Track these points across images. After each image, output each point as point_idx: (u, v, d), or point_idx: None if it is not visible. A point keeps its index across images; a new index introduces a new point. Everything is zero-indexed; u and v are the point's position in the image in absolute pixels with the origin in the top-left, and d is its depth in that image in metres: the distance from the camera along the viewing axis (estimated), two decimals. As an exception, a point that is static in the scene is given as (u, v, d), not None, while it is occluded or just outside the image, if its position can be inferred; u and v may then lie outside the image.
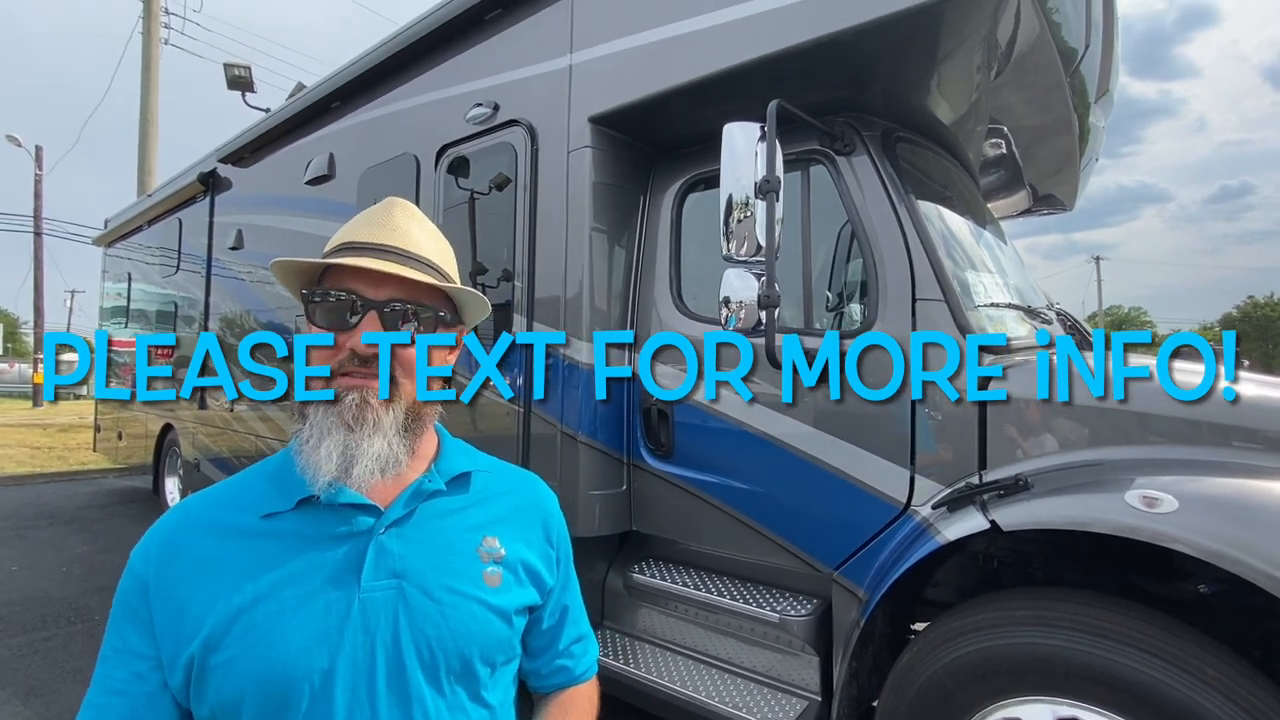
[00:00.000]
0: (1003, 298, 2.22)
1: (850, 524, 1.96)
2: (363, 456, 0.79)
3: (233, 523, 0.81)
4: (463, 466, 0.92)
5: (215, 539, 0.80)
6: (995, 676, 1.53)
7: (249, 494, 0.84)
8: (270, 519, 0.81)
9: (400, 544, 0.82)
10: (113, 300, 7.70)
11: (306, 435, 0.81)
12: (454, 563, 0.85)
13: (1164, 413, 1.62)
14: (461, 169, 2.93)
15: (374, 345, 0.81)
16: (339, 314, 0.82)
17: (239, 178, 4.94)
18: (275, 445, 4.25)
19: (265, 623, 0.74)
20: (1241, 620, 1.56)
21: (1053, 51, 2.25)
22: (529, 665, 0.99)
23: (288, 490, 0.81)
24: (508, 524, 0.92)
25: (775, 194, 1.76)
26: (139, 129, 12.60)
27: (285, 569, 0.78)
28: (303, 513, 0.81)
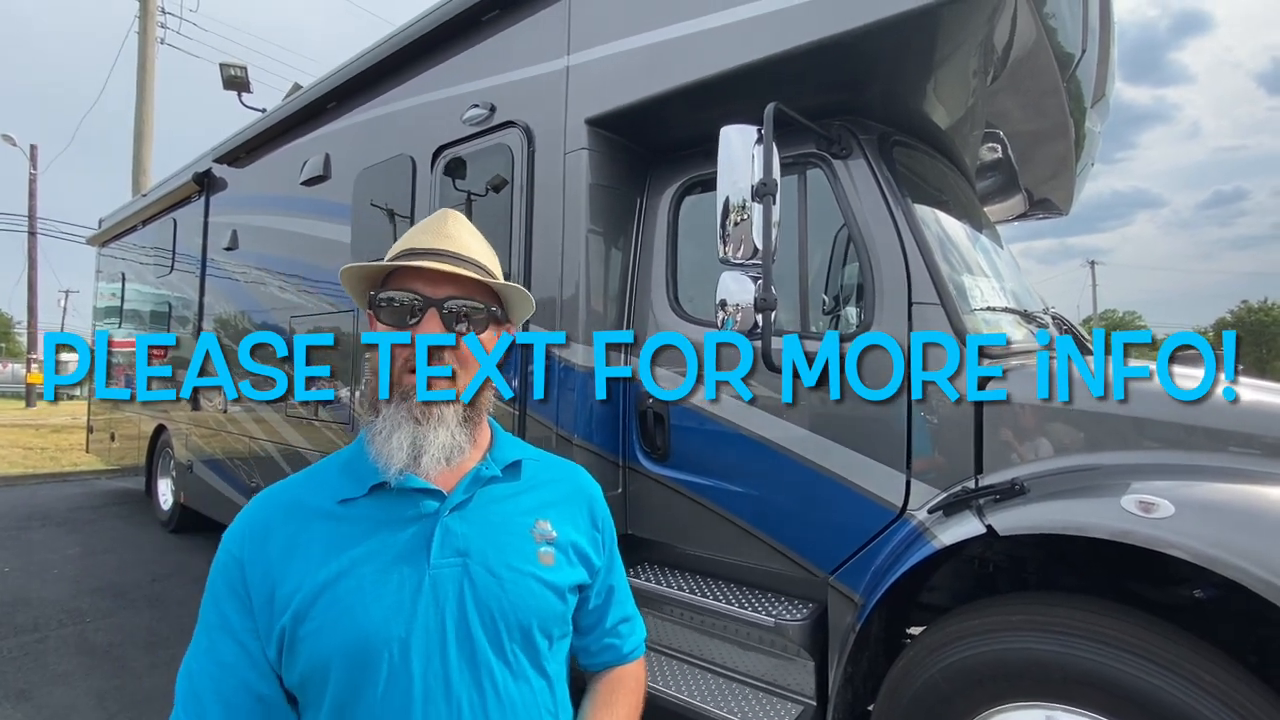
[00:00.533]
0: (999, 302, 2.22)
1: (846, 528, 1.95)
2: (430, 446, 0.87)
3: (313, 507, 0.89)
4: (515, 455, 1.00)
5: (299, 522, 0.88)
6: (991, 681, 1.53)
7: (324, 481, 0.92)
8: (346, 504, 0.89)
9: (462, 525, 0.90)
10: (106, 300, 7.66)
11: (379, 428, 0.89)
12: (511, 543, 0.92)
13: (1161, 417, 1.62)
14: (458, 170, 2.92)
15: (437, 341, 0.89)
16: (402, 314, 0.91)
17: (234, 178, 4.92)
18: (268, 447, 4.23)
19: (347, 596, 0.82)
20: (1238, 626, 1.56)
21: (1049, 56, 2.25)
22: (578, 643, 1.05)
23: (361, 478, 0.90)
24: (557, 508, 1.00)
25: (772, 197, 1.76)
26: (134, 128, 12.54)
27: (362, 548, 0.85)
28: (375, 498, 0.89)
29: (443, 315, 0.90)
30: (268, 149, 4.48)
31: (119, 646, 3.49)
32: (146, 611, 4.01)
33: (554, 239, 2.51)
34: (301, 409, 3.94)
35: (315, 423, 3.80)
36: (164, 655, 3.38)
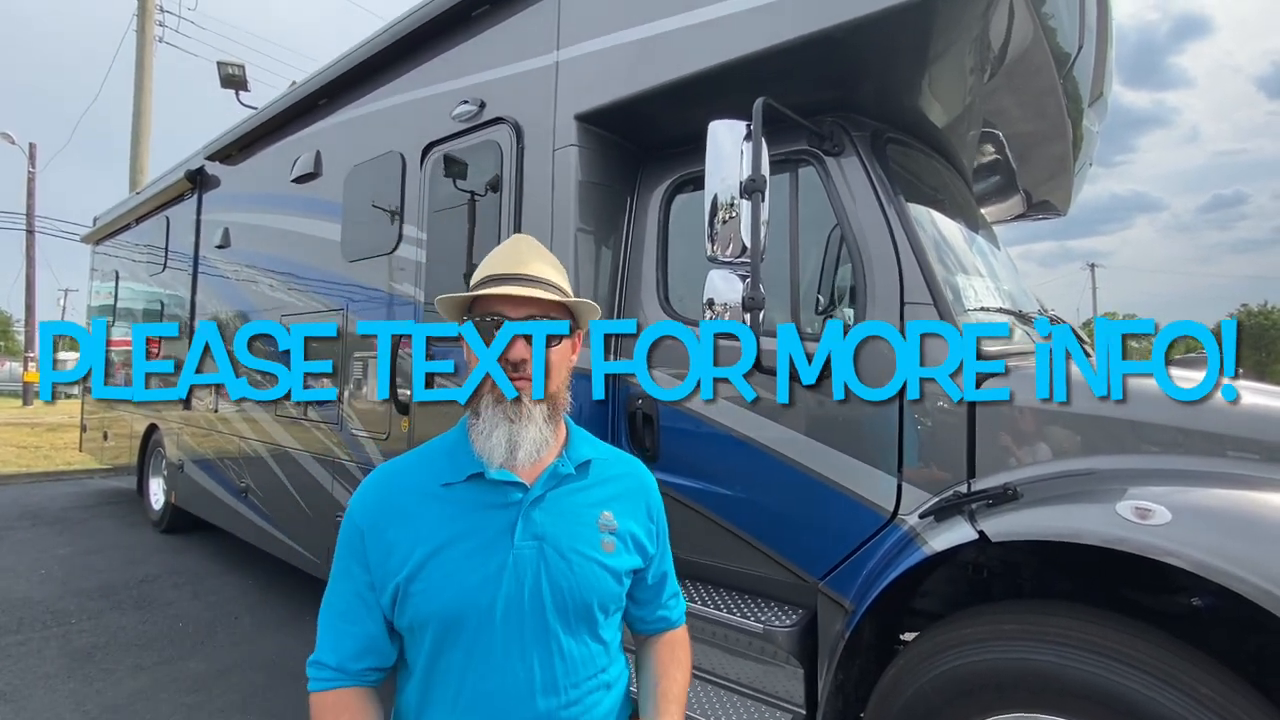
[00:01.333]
0: (994, 303, 2.18)
1: (836, 533, 1.91)
2: (524, 441, 1.05)
3: (422, 486, 1.08)
4: (586, 454, 1.16)
5: (411, 498, 1.07)
6: (982, 692, 1.49)
7: (431, 464, 1.11)
8: (447, 487, 1.07)
9: (541, 514, 1.07)
10: (101, 299, 7.62)
11: (480, 427, 1.07)
12: (580, 532, 1.09)
13: (1159, 420, 1.59)
14: (447, 167, 2.88)
15: (520, 354, 1.05)
16: (490, 332, 1.07)
17: (227, 175, 4.88)
18: (258, 447, 4.19)
19: (449, 565, 1.02)
20: (1235, 634, 1.52)
21: (1046, 53, 2.21)
22: (636, 612, 1.24)
23: (460, 466, 1.07)
24: (620, 502, 1.16)
25: (761, 193, 1.72)
26: (131, 127, 12.51)
27: (462, 525, 1.04)
28: (471, 484, 1.07)
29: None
30: (260, 146, 4.44)
31: (103, 649, 3.45)
32: (133, 613, 3.97)
33: (543, 237, 2.45)
34: (292, 409, 3.90)
35: (304, 422, 3.76)
36: (148, 658, 3.34)
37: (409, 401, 2.92)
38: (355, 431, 3.33)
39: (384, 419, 3.12)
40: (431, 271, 2.92)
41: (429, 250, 2.95)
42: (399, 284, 3.11)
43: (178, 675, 3.16)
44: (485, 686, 1.02)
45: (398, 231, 3.13)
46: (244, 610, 4.02)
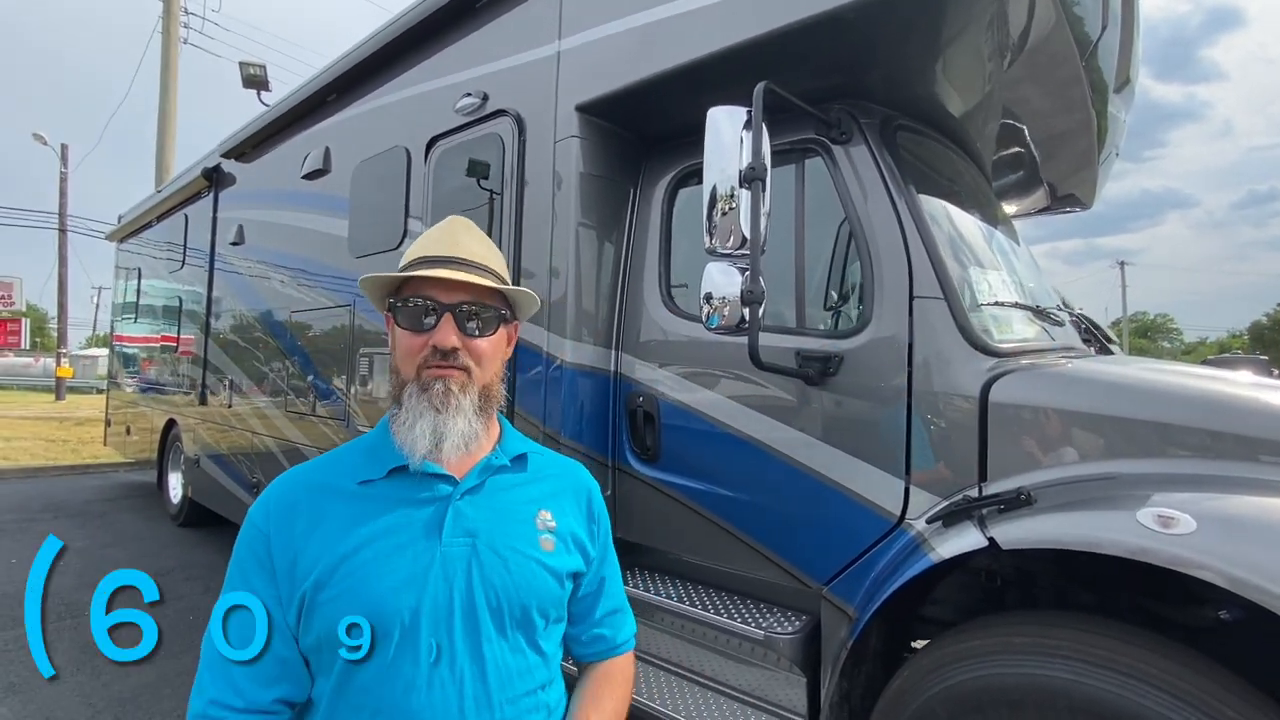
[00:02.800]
0: (1009, 297, 2.08)
1: (840, 537, 1.83)
2: (450, 433, 0.96)
3: (335, 486, 0.99)
4: (521, 448, 1.10)
5: (322, 500, 0.97)
6: (991, 708, 1.41)
7: (346, 464, 1.02)
8: (365, 485, 0.98)
9: (472, 509, 0.99)
10: (124, 296, 7.76)
11: (403, 417, 0.98)
12: (516, 528, 1.01)
13: (1182, 422, 1.49)
14: (451, 161, 2.85)
15: (452, 341, 0.98)
16: (419, 317, 0.99)
17: (241, 173, 4.92)
18: (269, 442, 4.21)
19: (364, 567, 0.91)
20: (1267, 650, 1.42)
21: (1068, 38, 2.11)
22: (570, 631, 1.12)
23: (381, 461, 0.99)
24: (558, 500, 1.09)
25: (761, 183, 1.65)
26: (157, 127, 12.74)
27: (380, 524, 0.94)
28: (393, 480, 0.98)
29: (456, 318, 0.99)
30: (272, 143, 4.46)
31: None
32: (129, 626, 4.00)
33: (544, 231, 2.42)
34: (300, 405, 3.91)
35: (312, 418, 3.76)
36: (157, 652, 3.35)
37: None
38: (361, 428, 3.32)
39: (388, 415, 3.10)
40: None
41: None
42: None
43: (185, 670, 3.13)
44: (407, 705, 0.89)
45: (403, 227, 3.11)
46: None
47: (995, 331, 1.83)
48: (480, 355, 1.01)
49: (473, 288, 1.00)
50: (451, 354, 0.98)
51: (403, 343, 1.01)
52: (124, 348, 7.81)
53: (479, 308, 1.01)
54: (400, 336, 1.01)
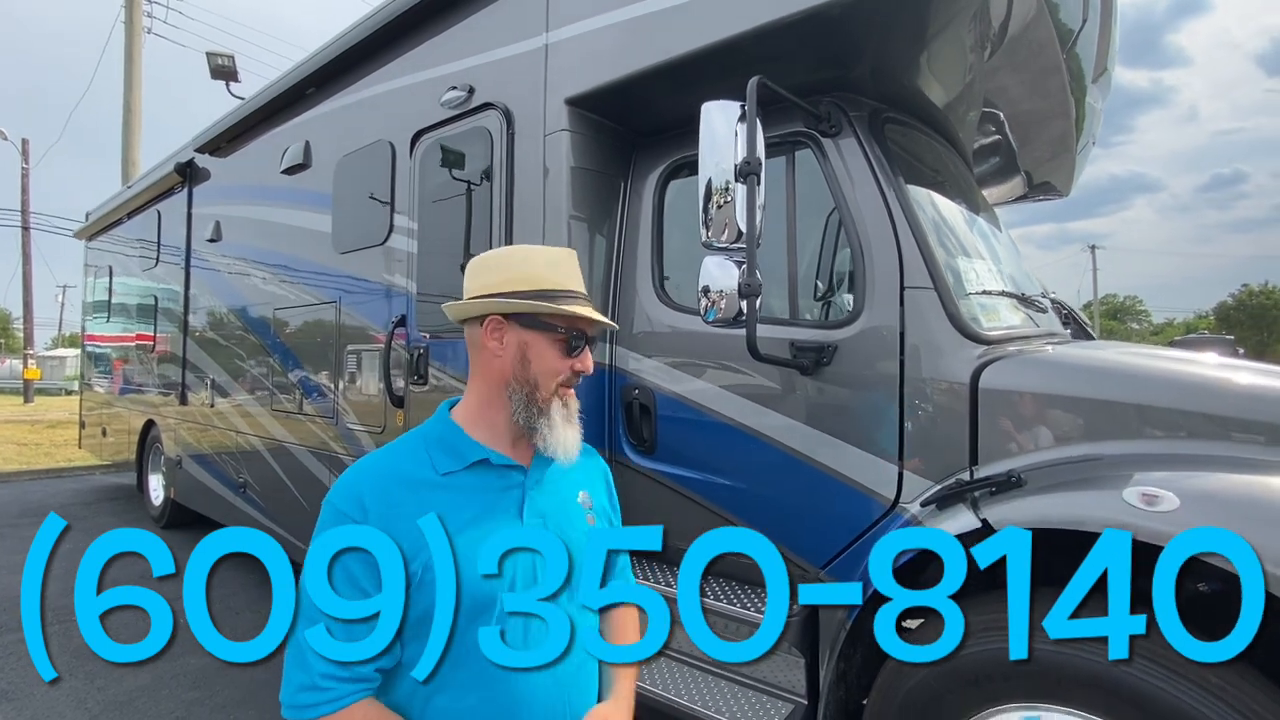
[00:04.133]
0: (996, 286, 2.14)
1: (836, 522, 1.88)
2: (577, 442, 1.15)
3: (420, 477, 1.08)
4: None
5: (413, 489, 1.06)
6: (987, 682, 1.47)
7: (420, 456, 1.11)
8: (449, 475, 1.09)
9: (539, 494, 1.14)
10: (95, 295, 7.57)
11: (551, 422, 1.12)
12: (570, 509, 1.18)
13: (1162, 404, 1.55)
14: (437, 155, 2.83)
15: (592, 368, 1.16)
16: (570, 344, 1.14)
17: (216, 168, 4.81)
18: (255, 442, 4.17)
19: (469, 547, 1.00)
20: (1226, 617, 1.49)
21: (1050, 29, 2.16)
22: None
23: (459, 454, 1.10)
24: (590, 482, 1.26)
25: (756, 176, 1.67)
26: (122, 120, 12.38)
27: (471, 510, 1.06)
28: (472, 471, 1.10)
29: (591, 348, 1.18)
30: (248, 137, 4.38)
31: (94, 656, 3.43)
32: (132, 610, 3.95)
33: (535, 225, 2.42)
34: (286, 403, 3.87)
35: (300, 417, 3.73)
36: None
37: (403, 394, 2.89)
38: (351, 425, 3.30)
39: (379, 412, 3.09)
40: (424, 262, 2.88)
41: (421, 240, 2.90)
42: (391, 275, 3.06)
43: (179, 671, 3.15)
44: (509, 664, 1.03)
45: (388, 222, 3.08)
46: (244, 605, 4.00)
47: (983, 319, 1.88)
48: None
49: (597, 324, 1.16)
50: (581, 376, 1.15)
51: (551, 361, 1.13)
52: (97, 348, 7.63)
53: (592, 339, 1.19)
54: (549, 355, 1.13)
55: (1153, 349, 2.11)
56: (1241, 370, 1.71)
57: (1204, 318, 55.04)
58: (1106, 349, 1.97)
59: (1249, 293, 51.53)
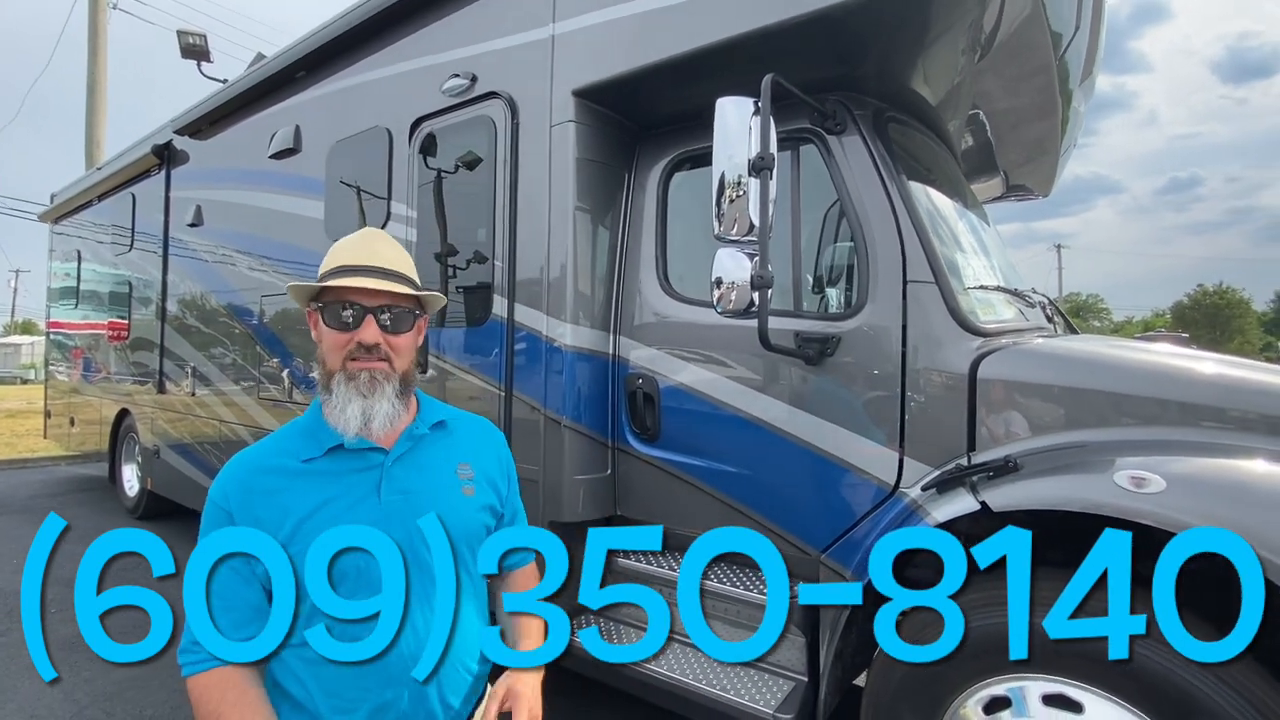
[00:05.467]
0: (990, 280, 2.23)
1: (838, 506, 1.95)
2: (377, 415, 1.16)
3: (282, 465, 1.16)
4: (438, 416, 1.30)
5: (274, 478, 1.15)
6: (983, 655, 1.54)
7: (287, 445, 1.19)
8: (309, 462, 1.16)
9: (403, 471, 1.20)
10: (61, 280, 7.32)
11: (334, 403, 1.16)
12: (441, 481, 1.23)
13: (1149, 394, 1.65)
14: (437, 143, 2.82)
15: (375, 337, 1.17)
16: (343, 318, 1.17)
17: (197, 151, 4.70)
18: (239, 430, 4.11)
19: (321, 526, 1.08)
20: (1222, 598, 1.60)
21: (1044, 33, 2.24)
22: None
23: (319, 441, 1.17)
24: (474, 452, 1.31)
25: (769, 171, 1.72)
26: (86, 99, 11.91)
27: (328, 492, 1.14)
28: (332, 456, 1.17)
29: (378, 320, 1.17)
30: (233, 120, 4.28)
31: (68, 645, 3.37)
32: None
33: (540, 216, 2.44)
34: (275, 391, 3.83)
35: (289, 405, 3.69)
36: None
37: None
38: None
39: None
40: (421, 250, 2.87)
41: (419, 229, 2.90)
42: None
43: (168, 661, 3.09)
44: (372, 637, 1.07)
45: (385, 209, 3.06)
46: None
47: (980, 313, 1.97)
48: (398, 349, 1.20)
49: (389, 294, 1.18)
50: (374, 348, 1.16)
51: (330, 338, 1.18)
52: (63, 335, 7.39)
53: (395, 309, 1.19)
54: (327, 333, 1.18)
55: (1137, 343, 2.22)
56: (1213, 362, 1.82)
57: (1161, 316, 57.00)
58: (1094, 342, 2.07)
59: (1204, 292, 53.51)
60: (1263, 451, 1.48)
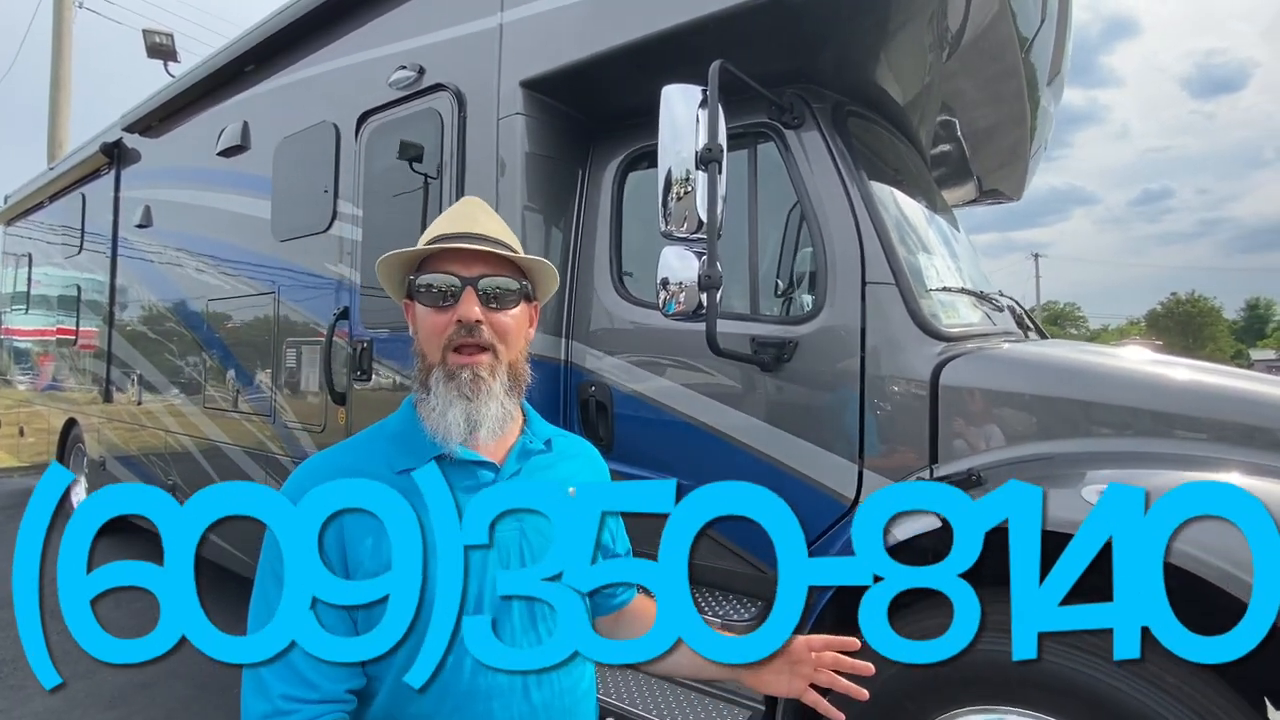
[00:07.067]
0: (955, 283, 2.13)
1: (796, 523, 1.83)
2: (485, 419, 0.95)
3: (374, 475, 0.89)
4: (548, 431, 1.10)
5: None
6: (945, 686, 1.44)
7: (376, 451, 0.98)
8: (404, 474, 0.92)
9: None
10: (13, 284, 7.04)
11: (432, 404, 0.96)
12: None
13: (1120, 403, 1.55)
14: (384, 138, 2.68)
15: (475, 313, 0.94)
16: (440, 296, 0.96)
17: (147, 149, 4.51)
18: (185, 441, 3.91)
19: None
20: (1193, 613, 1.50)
21: (1010, 30, 2.17)
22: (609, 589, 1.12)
23: (417, 450, 0.96)
24: (584, 479, 1.09)
25: (718, 164, 1.61)
26: (49, 98, 11.59)
27: (430, 514, 0.87)
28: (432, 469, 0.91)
29: (479, 294, 0.96)
30: (182, 117, 4.10)
31: (12, 663, 3.16)
32: (48, 623, 3.65)
33: (487, 214, 2.31)
34: (220, 401, 3.64)
35: (234, 415, 3.51)
36: (62, 672, 3.06)
37: (345, 391, 2.73)
38: (289, 424, 3.11)
39: (319, 410, 2.91)
40: (368, 251, 2.72)
41: (365, 228, 2.75)
42: (333, 265, 2.89)
43: (95, 689, 2.90)
44: (474, 687, 0.90)
45: (331, 208, 2.91)
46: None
47: (944, 316, 1.87)
48: (505, 331, 0.98)
49: (492, 259, 0.98)
50: (475, 329, 0.95)
51: (425, 322, 0.98)
52: (14, 341, 7.10)
53: (500, 281, 0.98)
54: (422, 316, 0.98)
55: (1107, 348, 2.13)
56: (1187, 369, 1.73)
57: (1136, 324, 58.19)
58: (1064, 348, 1.98)
59: (1176, 301, 54.72)
60: (1240, 464, 1.38)
